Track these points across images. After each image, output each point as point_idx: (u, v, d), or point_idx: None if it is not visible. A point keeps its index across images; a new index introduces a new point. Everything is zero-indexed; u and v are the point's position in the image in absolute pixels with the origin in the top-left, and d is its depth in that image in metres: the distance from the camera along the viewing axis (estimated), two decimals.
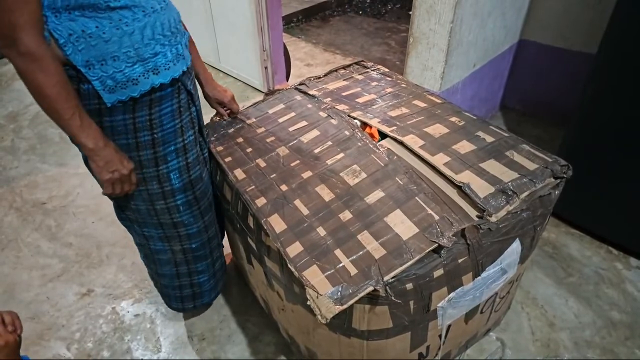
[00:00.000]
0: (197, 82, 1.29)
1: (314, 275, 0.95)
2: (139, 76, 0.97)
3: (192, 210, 1.27)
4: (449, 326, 1.17)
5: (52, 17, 0.87)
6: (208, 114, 1.48)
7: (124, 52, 0.93)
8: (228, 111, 1.48)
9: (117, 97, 0.97)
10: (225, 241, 1.63)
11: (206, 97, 1.41)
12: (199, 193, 1.26)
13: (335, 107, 1.44)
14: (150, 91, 1.02)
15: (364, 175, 1.16)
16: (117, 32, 0.91)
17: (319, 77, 1.67)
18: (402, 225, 1.02)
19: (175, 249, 1.34)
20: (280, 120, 1.44)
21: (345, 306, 0.89)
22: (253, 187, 1.20)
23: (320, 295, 0.90)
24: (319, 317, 0.89)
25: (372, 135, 1.32)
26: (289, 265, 0.98)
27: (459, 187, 1.09)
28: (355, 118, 1.38)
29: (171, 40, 1.02)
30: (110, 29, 0.90)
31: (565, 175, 1.14)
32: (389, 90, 1.53)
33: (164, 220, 1.26)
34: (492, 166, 1.15)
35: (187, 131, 1.17)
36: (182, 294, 1.47)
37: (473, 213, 1.04)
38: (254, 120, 1.47)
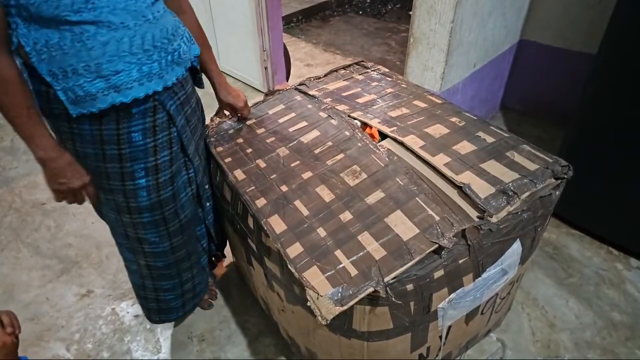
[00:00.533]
0: (187, 106, 1.19)
1: (314, 276, 0.95)
2: (98, 92, 0.93)
3: (159, 230, 1.21)
4: (450, 327, 1.16)
5: (21, 24, 0.87)
6: (209, 113, 1.48)
7: (83, 66, 0.90)
8: (238, 115, 1.46)
9: (80, 110, 0.95)
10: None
11: (219, 101, 1.40)
12: (168, 214, 1.20)
13: (336, 107, 1.44)
14: (116, 108, 0.98)
15: (364, 175, 1.16)
16: (77, 45, 0.89)
17: (319, 78, 1.67)
18: (402, 226, 1.02)
19: (141, 263, 1.30)
20: (280, 120, 1.43)
21: (345, 307, 0.88)
22: (253, 187, 1.20)
23: (321, 296, 0.90)
24: (319, 318, 0.88)
25: (372, 136, 1.32)
26: (289, 266, 0.98)
27: (459, 188, 1.09)
28: (355, 118, 1.38)
29: (142, 59, 0.96)
30: (72, 42, 0.88)
31: (565, 176, 1.14)
32: (389, 90, 1.53)
33: (130, 233, 1.22)
34: (492, 167, 1.15)
35: (162, 151, 1.11)
36: (148, 305, 1.44)
37: (473, 214, 1.04)
38: (254, 120, 1.46)
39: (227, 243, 1.64)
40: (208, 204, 1.41)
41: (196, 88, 1.29)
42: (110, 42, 0.91)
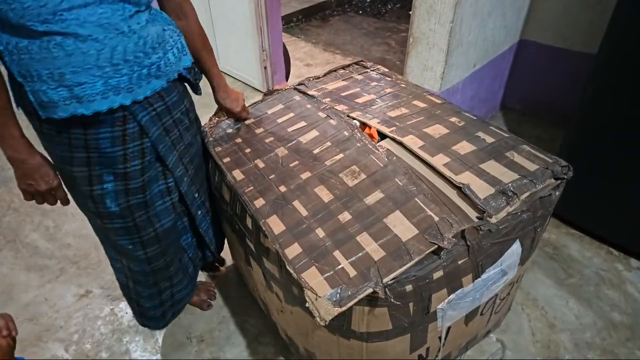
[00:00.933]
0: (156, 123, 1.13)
1: (312, 277, 0.94)
2: (59, 101, 0.92)
3: (132, 237, 1.19)
4: (449, 328, 1.16)
5: None
6: (208, 113, 1.48)
7: (47, 73, 0.89)
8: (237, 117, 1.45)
9: (46, 114, 0.94)
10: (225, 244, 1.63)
11: (217, 103, 1.39)
12: (140, 221, 1.17)
13: (335, 107, 1.43)
14: (82, 115, 0.96)
15: (363, 176, 1.15)
16: (43, 52, 0.87)
17: (318, 77, 1.66)
18: (401, 226, 1.01)
19: (124, 262, 1.29)
20: (279, 120, 1.43)
21: (344, 308, 0.88)
22: (252, 188, 1.19)
23: (319, 297, 0.90)
24: (318, 319, 0.88)
25: (371, 136, 1.31)
26: (287, 267, 0.97)
27: (458, 188, 1.09)
28: (354, 118, 1.37)
29: (108, 72, 0.93)
30: (39, 48, 0.87)
31: (565, 176, 1.13)
32: (389, 90, 1.53)
33: (109, 236, 1.22)
34: (492, 167, 1.14)
35: (133, 160, 1.08)
36: (132, 305, 1.44)
37: (473, 214, 1.03)
38: (253, 120, 1.46)
39: (226, 245, 1.64)
40: (200, 212, 1.38)
41: (192, 95, 1.26)
42: (75, 53, 0.89)
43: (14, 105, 0.98)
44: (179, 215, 1.33)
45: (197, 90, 1.28)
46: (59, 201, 1.13)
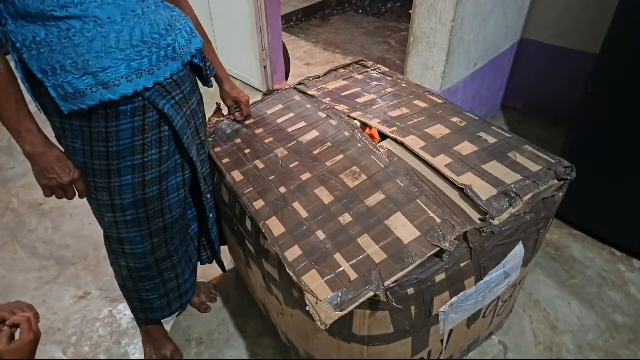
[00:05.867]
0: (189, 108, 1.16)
1: (313, 280, 0.93)
2: (87, 89, 0.92)
3: (142, 228, 1.19)
4: (451, 331, 1.15)
5: (10, 20, 0.86)
6: (208, 112, 1.46)
7: (70, 63, 0.89)
8: (238, 112, 1.44)
9: (71, 107, 0.94)
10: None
11: (223, 94, 1.37)
12: (152, 213, 1.18)
13: (335, 107, 1.42)
14: (105, 106, 0.96)
15: (364, 177, 1.14)
16: (64, 42, 0.88)
17: (319, 77, 1.65)
18: (403, 228, 1.00)
19: (122, 264, 1.29)
20: (279, 120, 1.41)
21: (345, 312, 0.87)
22: (251, 189, 1.18)
23: (320, 300, 0.88)
24: (319, 323, 0.87)
25: (372, 136, 1.30)
26: (287, 270, 0.96)
27: (461, 190, 1.07)
28: (355, 119, 1.36)
29: (130, 55, 0.94)
30: (59, 39, 0.87)
31: (569, 177, 1.12)
32: (390, 90, 1.51)
33: (110, 234, 1.21)
34: (494, 168, 1.13)
35: (150, 149, 1.09)
36: (132, 304, 1.43)
37: (475, 216, 1.02)
38: (252, 120, 1.44)
39: (226, 248, 1.62)
40: (211, 215, 1.37)
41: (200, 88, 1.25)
42: (96, 38, 0.90)
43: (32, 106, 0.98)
44: (189, 205, 1.33)
45: (208, 82, 1.27)
46: (76, 195, 1.12)
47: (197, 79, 1.23)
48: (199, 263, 1.53)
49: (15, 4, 0.84)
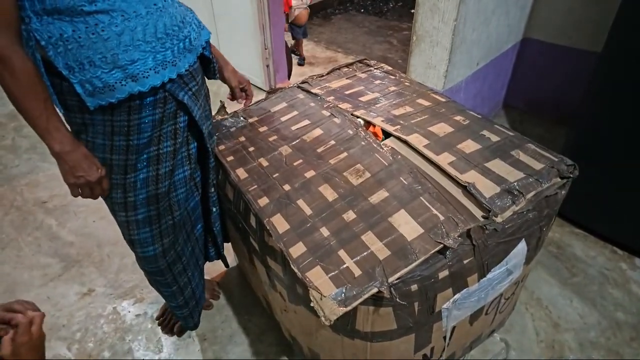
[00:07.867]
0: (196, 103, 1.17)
1: (317, 277, 0.94)
2: (116, 82, 0.93)
3: (152, 228, 1.20)
4: (454, 327, 1.15)
5: (34, 19, 0.86)
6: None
7: (99, 57, 0.90)
8: (243, 95, 1.42)
9: (98, 102, 0.95)
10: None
11: (229, 75, 1.35)
12: (162, 209, 1.19)
13: (338, 105, 1.43)
14: (129, 98, 0.98)
15: (367, 174, 1.15)
16: (92, 37, 0.89)
17: (322, 76, 1.66)
18: (406, 225, 1.00)
19: (142, 268, 1.32)
20: (283, 119, 1.42)
21: (349, 308, 0.87)
22: (255, 186, 1.19)
23: (324, 296, 0.89)
24: (323, 318, 0.87)
25: (375, 134, 1.30)
26: (291, 266, 0.97)
27: (464, 187, 1.08)
28: (358, 117, 1.37)
29: (156, 47, 0.97)
30: (87, 34, 0.88)
31: (571, 175, 1.12)
32: (393, 88, 1.52)
33: (124, 235, 1.23)
34: (497, 166, 1.14)
35: (165, 140, 1.10)
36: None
37: (478, 213, 1.03)
38: (256, 118, 1.45)
39: (229, 245, 1.63)
40: (214, 209, 1.38)
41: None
42: (124, 31, 0.91)
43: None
44: (197, 203, 1.34)
45: (215, 75, 1.28)
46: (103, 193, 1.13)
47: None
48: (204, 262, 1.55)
49: (44, 1, 0.84)
